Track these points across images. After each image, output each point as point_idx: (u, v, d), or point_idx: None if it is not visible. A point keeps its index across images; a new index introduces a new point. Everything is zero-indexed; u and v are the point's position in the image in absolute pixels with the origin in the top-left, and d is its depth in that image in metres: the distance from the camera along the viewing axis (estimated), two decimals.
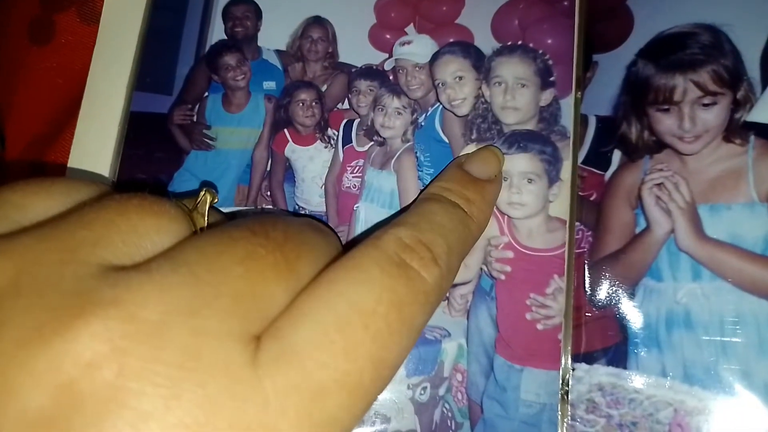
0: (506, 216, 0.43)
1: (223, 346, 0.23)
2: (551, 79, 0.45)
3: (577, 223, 0.43)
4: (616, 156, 0.44)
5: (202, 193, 0.31)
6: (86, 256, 0.24)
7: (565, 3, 0.46)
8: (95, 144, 0.44)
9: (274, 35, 0.48)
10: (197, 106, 0.47)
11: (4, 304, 0.22)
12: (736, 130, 0.42)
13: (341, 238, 0.45)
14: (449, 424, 0.42)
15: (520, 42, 0.46)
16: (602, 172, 0.44)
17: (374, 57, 0.47)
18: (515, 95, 0.45)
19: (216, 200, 0.32)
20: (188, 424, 0.21)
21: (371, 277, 0.28)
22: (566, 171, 0.43)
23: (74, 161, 0.44)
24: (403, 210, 0.44)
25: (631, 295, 0.42)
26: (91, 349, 0.21)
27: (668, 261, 0.42)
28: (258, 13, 0.48)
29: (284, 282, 0.26)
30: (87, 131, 0.45)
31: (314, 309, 0.26)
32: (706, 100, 0.42)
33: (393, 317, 0.28)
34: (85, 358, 0.21)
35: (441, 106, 0.46)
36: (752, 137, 0.42)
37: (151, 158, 0.46)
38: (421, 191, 0.41)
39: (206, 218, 0.31)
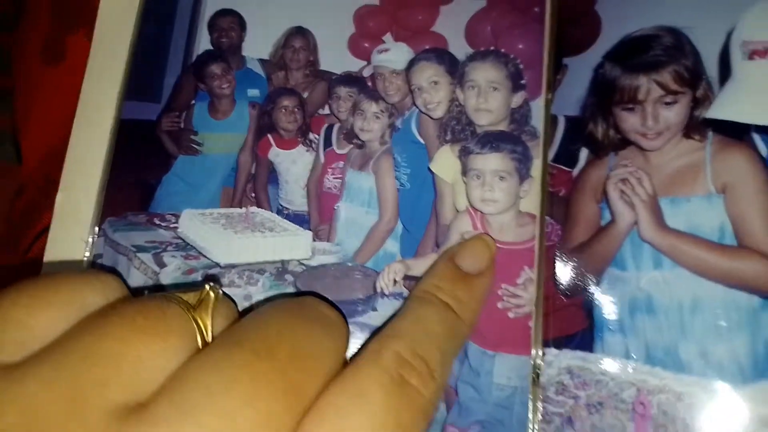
0: (479, 212, 0.50)
1: None
2: (522, 82, 0.52)
3: (547, 218, 0.49)
4: (584, 153, 0.51)
5: (207, 289, 0.33)
6: (94, 402, 0.26)
7: (536, 9, 0.52)
8: (88, 151, 0.51)
9: (258, 45, 0.55)
10: (184, 114, 0.54)
11: None
12: (695, 127, 0.48)
13: (323, 235, 0.52)
14: None
15: (492, 48, 0.52)
16: (570, 169, 0.51)
17: (353, 64, 0.54)
18: (488, 98, 0.52)
19: (220, 295, 0.33)
20: None
21: (376, 404, 0.31)
22: (536, 168, 0.50)
23: (69, 167, 0.51)
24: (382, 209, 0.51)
25: (597, 284, 0.48)
26: None
27: (631, 251, 0.48)
28: (242, 24, 0.55)
29: (291, 411, 0.29)
30: (80, 138, 0.52)
31: None
32: (668, 99, 0.49)
33: None
34: None
35: (417, 110, 0.53)
36: (710, 133, 0.48)
37: (141, 163, 0.53)
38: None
39: (212, 321, 0.32)
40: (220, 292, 0.34)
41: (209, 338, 0.32)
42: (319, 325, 0.33)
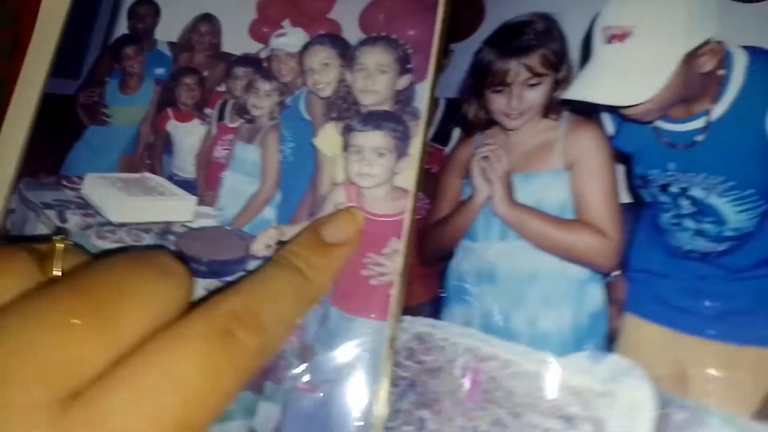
0: (355, 185, 0.53)
1: (26, 416, 0.27)
2: (409, 66, 0.54)
3: (419, 193, 0.52)
4: (456, 133, 0.54)
5: (56, 240, 0.36)
6: None
7: None
8: (17, 122, 0.58)
9: (169, 29, 0.60)
10: (99, 89, 0.60)
11: None
12: (553, 107, 0.51)
13: (209, 200, 0.57)
14: (281, 363, 0.52)
15: (384, 33, 0.56)
16: (443, 147, 0.54)
17: (252, 47, 0.59)
18: (375, 80, 0.55)
19: (67, 248, 0.36)
20: None
21: (191, 348, 0.33)
22: (414, 147, 0.53)
23: (2, 138, 0.58)
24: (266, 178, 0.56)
25: (452, 255, 0.51)
26: None
27: (484, 224, 0.51)
28: (157, 11, 0.60)
29: (101, 343, 0.30)
30: (13, 112, 0.58)
31: (129, 376, 0.30)
32: (533, 81, 0.51)
33: (205, 385, 0.32)
34: None
35: (306, 89, 0.57)
36: (565, 113, 0.51)
37: (57, 132, 0.59)
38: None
39: (59, 265, 0.35)
40: (68, 243, 0.37)
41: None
42: (154, 272, 0.35)
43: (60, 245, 0.36)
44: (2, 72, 0.63)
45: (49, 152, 0.59)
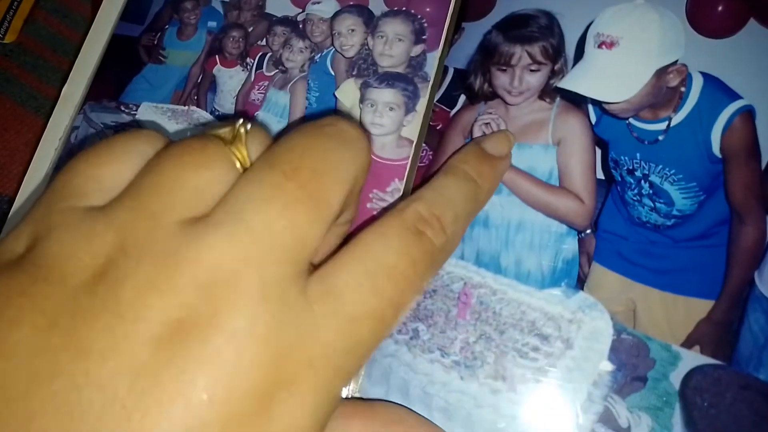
0: (367, 132, 0.59)
1: (282, 286, 0.30)
2: (423, 37, 0.61)
3: (423, 145, 0.59)
4: (462, 99, 0.60)
5: (238, 125, 0.35)
6: (166, 219, 0.30)
7: None
8: (89, 56, 0.64)
9: None
10: (159, 34, 0.66)
11: (119, 263, 0.28)
12: (548, 92, 0.58)
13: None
14: None
15: (404, 8, 0.62)
16: (449, 109, 0.60)
17: (291, 11, 0.65)
18: (392, 46, 0.61)
19: (248, 128, 0.36)
20: (262, 335, 0.28)
21: (394, 242, 0.35)
22: (421, 105, 0.59)
23: (76, 67, 0.64)
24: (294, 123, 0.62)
25: None
26: (189, 293, 0.28)
27: None
28: None
29: (318, 220, 0.32)
30: (87, 48, 0.65)
31: (350, 262, 0.33)
32: (533, 67, 0.58)
33: (408, 271, 0.35)
34: (187, 298, 0.28)
35: (333, 49, 0.63)
36: (558, 98, 0.58)
37: (121, 66, 0.65)
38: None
39: (248, 150, 0.35)
40: (248, 125, 0.36)
41: (248, 164, 0.35)
42: (336, 140, 0.36)
43: (242, 129, 0.35)
44: (87, 15, 0.69)
45: (113, 82, 0.64)
